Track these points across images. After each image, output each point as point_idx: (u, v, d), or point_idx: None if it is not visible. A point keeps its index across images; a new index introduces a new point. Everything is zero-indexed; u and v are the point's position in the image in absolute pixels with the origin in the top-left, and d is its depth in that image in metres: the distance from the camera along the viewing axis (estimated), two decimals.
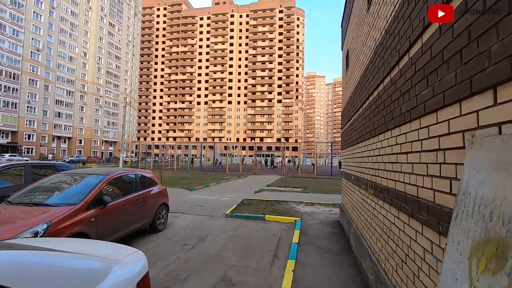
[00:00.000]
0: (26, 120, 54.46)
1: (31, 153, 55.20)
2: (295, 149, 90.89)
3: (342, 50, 7.64)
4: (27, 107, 54.50)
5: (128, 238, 5.53)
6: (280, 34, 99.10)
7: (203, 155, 70.45)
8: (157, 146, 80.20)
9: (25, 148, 54.25)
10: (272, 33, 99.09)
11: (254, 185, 16.39)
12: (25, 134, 54.47)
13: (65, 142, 66.34)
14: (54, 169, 7.21)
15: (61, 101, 63.33)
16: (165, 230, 6.39)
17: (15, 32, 51.60)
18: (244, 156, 75.34)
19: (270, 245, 5.46)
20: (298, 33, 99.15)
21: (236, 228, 6.67)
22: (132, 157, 38.20)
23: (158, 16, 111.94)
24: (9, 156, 41.56)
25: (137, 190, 5.57)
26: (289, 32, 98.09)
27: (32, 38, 55.20)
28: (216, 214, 8.09)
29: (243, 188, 14.59)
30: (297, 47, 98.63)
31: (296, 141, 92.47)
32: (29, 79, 54.59)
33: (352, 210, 5.31)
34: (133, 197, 5.29)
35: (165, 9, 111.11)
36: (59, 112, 63.08)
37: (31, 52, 54.90)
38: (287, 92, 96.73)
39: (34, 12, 55.32)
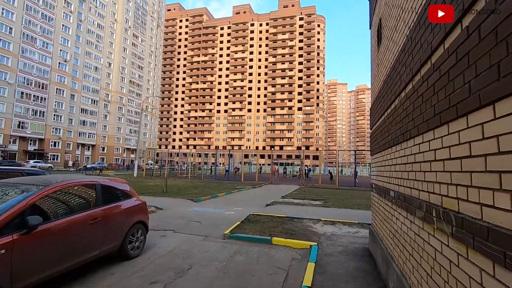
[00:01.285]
0: (53, 128, 56.42)
1: (57, 159, 56.94)
2: (316, 157, 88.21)
3: (370, 28, 6.04)
4: (54, 115, 56.54)
5: (86, 268, 4.19)
6: (301, 41, 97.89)
7: (223, 163, 69.99)
8: (177, 154, 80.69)
9: (51, 155, 56.05)
10: (292, 40, 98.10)
11: (268, 196, 14.79)
12: (51, 142, 56.35)
13: (88, 150, 68.17)
14: (21, 175, 6.10)
15: (85, 109, 65.38)
16: (140, 256, 4.99)
17: (44, 44, 54.09)
18: (263, 164, 73.83)
19: None
20: (318, 40, 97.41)
21: (232, 256, 5.15)
22: (147, 164, 37.83)
23: (180, 27, 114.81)
24: (34, 162, 42.82)
25: (98, 205, 4.22)
26: (310, 39, 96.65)
27: (60, 50, 57.64)
28: (213, 234, 6.60)
29: (254, 200, 13.04)
30: (318, 54, 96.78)
31: (317, 149, 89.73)
32: (56, 88, 56.78)
33: (392, 243, 3.64)
34: (86, 215, 3.93)
35: (187, 20, 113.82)
36: (84, 120, 65.06)
37: (59, 63, 57.25)
38: (308, 100, 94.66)
39: (62, 25, 57.89)
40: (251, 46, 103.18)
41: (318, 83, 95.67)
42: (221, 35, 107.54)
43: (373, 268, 4.58)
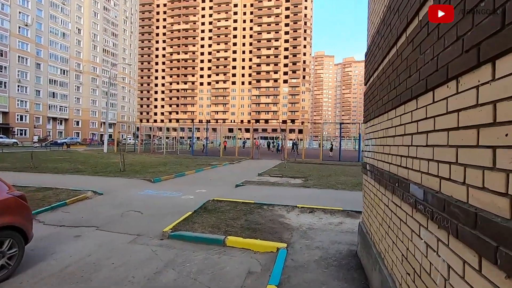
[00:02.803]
0: (18, 100, 51.86)
1: (25, 134, 53.04)
2: (301, 131, 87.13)
3: None
4: (18, 86, 51.71)
5: None
6: (287, 9, 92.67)
7: (206, 138, 67.78)
8: (160, 129, 77.58)
9: (18, 129, 51.99)
10: (278, 8, 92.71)
11: (243, 173, 13.18)
12: (17, 115, 52.04)
13: (61, 124, 64.01)
14: None
15: (55, 80, 60.31)
16: (8, 281, 3.22)
17: (0, 5, 47.98)
18: (248, 138, 72.30)
19: None
20: (306, 8, 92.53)
21: (160, 272, 3.47)
22: (124, 139, 35.32)
23: None
24: None
25: None
26: (296, 7, 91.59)
27: (20, 12, 51.51)
28: (149, 231, 4.89)
29: (225, 179, 11.38)
30: (305, 23, 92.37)
31: (302, 123, 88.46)
32: (18, 56, 51.43)
33: (392, 252, 2.02)
34: None
35: None
36: (53, 92, 60.26)
37: (19, 27, 51.40)
38: (294, 72, 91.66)
39: None
40: (235, 13, 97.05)
41: (304, 54, 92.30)
42: (203, 1, 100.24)
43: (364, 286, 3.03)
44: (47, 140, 42.23)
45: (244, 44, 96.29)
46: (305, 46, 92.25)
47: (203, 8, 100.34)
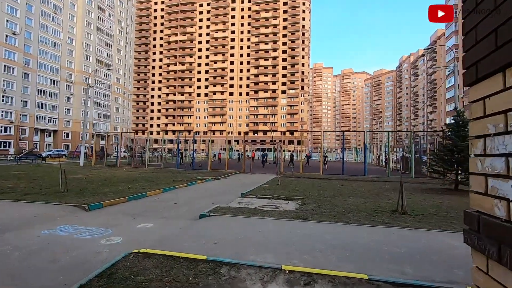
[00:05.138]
0: (2, 111, 49.33)
1: (9, 147, 50.22)
2: (300, 143, 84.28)
3: None
4: (3, 96, 49.31)
5: None
6: (285, 20, 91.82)
7: (202, 150, 65.00)
8: (156, 141, 74.84)
9: (1, 142, 49.25)
10: (276, 19, 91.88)
11: (224, 193, 10.34)
12: (1, 127, 49.40)
13: (50, 136, 61.30)
14: None
15: (44, 90, 58.00)
16: None
17: None
18: (246, 150, 69.31)
19: None
20: (304, 19, 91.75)
21: None
22: (114, 152, 32.51)
23: (155, 3, 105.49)
24: None
25: None
26: (294, 17, 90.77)
27: (8, 20, 49.73)
28: None
29: (193, 203, 8.52)
30: (303, 34, 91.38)
31: (302, 134, 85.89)
32: (4, 65, 49.27)
33: None
34: None
35: None
36: (42, 103, 57.83)
37: (6, 36, 49.48)
38: (292, 82, 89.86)
39: None
40: (233, 24, 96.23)
41: (303, 65, 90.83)
42: (200, 12, 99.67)
43: None
44: (22, 153, 39.35)
45: (241, 55, 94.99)
46: (303, 57, 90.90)
47: (200, 20, 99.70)
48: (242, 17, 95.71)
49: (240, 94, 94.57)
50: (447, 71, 60.56)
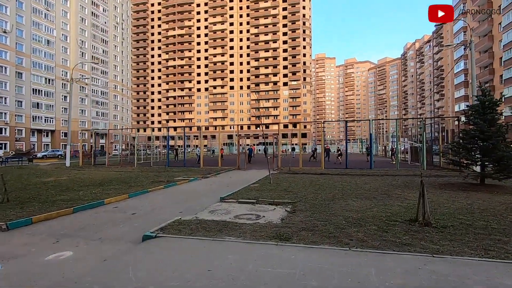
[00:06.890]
0: None
1: (5, 148, 49.22)
2: (304, 135, 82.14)
3: None
4: None
5: None
6: (284, 9, 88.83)
7: (205, 146, 63.32)
8: (157, 138, 73.72)
9: None
10: (275, 8, 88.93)
11: (201, 196, 8.64)
12: None
13: (47, 136, 60.27)
14: None
15: (39, 90, 56.78)
16: None
17: None
18: (247, 144, 67.78)
19: None
20: (304, 7, 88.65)
21: None
22: (115, 150, 31.10)
23: None
24: None
25: None
26: (294, 6, 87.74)
27: None
28: None
29: (154, 213, 6.80)
30: (304, 23, 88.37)
31: (305, 127, 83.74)
32: None
33: None
34: None
35: None
36: (38, 103, 56.66)
37: None
38: (294, 74, 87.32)
39: None
40: (231, 16, 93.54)
41: (304, 55, 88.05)
42: (198, 5, 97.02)
43: None
44: (9, 155, 38.24)
45: (241, 47, 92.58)
46: (304, 47, 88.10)
47: (198, 13, 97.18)
48: (241, 8, 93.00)
49: (241, 87, 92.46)
50: (455, 55, 57.60)
